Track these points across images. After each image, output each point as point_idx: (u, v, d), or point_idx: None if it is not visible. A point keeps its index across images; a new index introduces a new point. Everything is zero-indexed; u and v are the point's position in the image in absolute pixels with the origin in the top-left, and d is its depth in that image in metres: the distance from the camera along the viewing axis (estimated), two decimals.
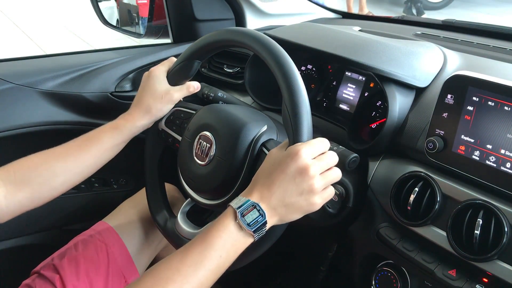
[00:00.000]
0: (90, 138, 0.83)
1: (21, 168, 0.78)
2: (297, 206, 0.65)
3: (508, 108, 0.70)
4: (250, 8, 1.36)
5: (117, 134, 0.84)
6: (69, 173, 0.81)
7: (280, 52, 0.70)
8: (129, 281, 0.94)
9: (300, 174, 0.64)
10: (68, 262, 0.90)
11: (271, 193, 0.64)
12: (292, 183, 0.64)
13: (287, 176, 0.64)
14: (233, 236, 0.63)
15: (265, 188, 0.65)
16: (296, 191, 0.64)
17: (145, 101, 0.86)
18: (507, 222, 0.69)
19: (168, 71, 0.89)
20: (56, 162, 0.80)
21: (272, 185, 0.65)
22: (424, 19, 1.49)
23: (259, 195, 0.65)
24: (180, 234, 0.86)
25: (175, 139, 0.90)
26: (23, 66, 1.16)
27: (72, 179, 0.82)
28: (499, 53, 1.02)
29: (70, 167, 0.81)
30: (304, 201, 0.65)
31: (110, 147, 0.84)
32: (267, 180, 0.66)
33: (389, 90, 0.86)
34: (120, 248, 0.97)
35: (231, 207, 0.64)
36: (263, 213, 0.63)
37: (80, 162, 0.82)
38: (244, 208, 0.63)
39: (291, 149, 0.66)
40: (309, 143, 0.66)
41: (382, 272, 0.87)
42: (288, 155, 0.65)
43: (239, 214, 0.63)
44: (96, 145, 0.83)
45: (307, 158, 0.65)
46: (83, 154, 0.82)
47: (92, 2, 1.46)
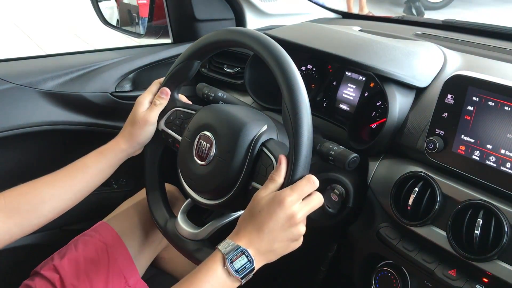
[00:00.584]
0: (76, 164, 0.85)
1: (10, 196, 0.79)
2: (284, 248, 0.68)
3: (508, 108, 0.70)
4: (250, 8, 1.36)
5: (102, 158, 0.87)
6: (57, 199, 0.82)
7: (280, 52, 0.70)
8: (129, 281, 0.94)
9: (288, 221, 0.66)
10: (68, 262, 0.90)
11: (260, 239, 0.66)
12: (280, 230, 0.66)
13: (276, 224, 0.66)
14: (220, 281, 0.64)
15: (254, 234, 0.66)
16: (284, 237, 0.67)
17: (126, 128, 0.89)
18: (507, 222, 0.69)
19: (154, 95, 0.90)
20: (44, 188, 0.81)
21: (261, 232, 0.66)
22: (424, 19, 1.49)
23: (248, 241, 0.66)
24: (180, 234, 0.86)
25: (175, 139, 0.90)
26: (23, 66, 1.16)
27: (60, 206, 0.83)
28: (499, 53, 1.02)
29: (57, 194, 0.82)
30: (291, 242, 0.68)
31: (95, 172, 0.86)
32: (255, 226, 0.66)
33: (389, 90, 0.86)
34: (120, 248, 0.97)
35: (219, 252, 0.65)
36: (251, 259, 0.65)
37: (67, 189, 0.83)
38: (233, 255, 0.64)
39: (279, 195, 0.66)
40: (297, 188, 0.67)
41: (382, 272, 0.87)
42: (275, 202, 0.66)
43: (228, 260, 0.64)
44: (82, 170, 0.85)
45: (294, 206, 0.66)
46: (70, 180, 0.84)
47: (92, 2, 1.46)
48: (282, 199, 0.65)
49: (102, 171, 0.87)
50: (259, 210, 0.67)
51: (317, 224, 0.84)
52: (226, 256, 0.64)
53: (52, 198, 0.81)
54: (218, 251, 0.65)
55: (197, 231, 0.85)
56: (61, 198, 0.82)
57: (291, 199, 0.66)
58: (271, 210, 0.66)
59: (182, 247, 0.85)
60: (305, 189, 0.67)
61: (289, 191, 0.66)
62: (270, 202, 0.66)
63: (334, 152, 0.75)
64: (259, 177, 0.74)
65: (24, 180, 1.14)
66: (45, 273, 0.89)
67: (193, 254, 0.82)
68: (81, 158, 0.86)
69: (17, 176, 1.14)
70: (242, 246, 0.65)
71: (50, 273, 0.88)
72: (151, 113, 0.89)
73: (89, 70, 1.15)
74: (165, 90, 0.90)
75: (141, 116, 0.88)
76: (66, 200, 0.83)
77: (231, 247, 0.65)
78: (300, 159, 0.67)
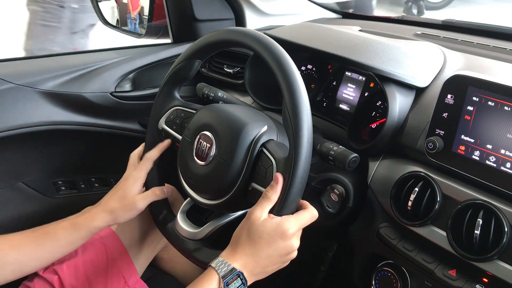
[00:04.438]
0: (47, 232, 0.82)
1: None
2: (276, 269, 0.70)
3: (508, 108, 0.70)
4: (250, 8, 1.36)
5: (74, 232, 0.83)
6: (21, 264, 0.80)
7: (280, 52, 0.70)
8: (128, 282, 0.94)
9: (286, 250, 0.68)
10: (67, 263, 0.90)
11: (256, 263, 0.67)
12: (277, 256, 0.68)
13: (275, 252, 0.67)
14: None
15: (251, 258, 0.67)
16: (279, 261, 0.69)
17: (111, 204, 0.85)
18: (507, 222, 0.69)
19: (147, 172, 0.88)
20: (9, 251, 0.79)
21: (258, 257, 0.67)
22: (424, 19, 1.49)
23: (243, 263, 0.67)
24: (180, 233, 0.86)
25: (175, 139, 0.90)
26: (23, 66, 1.16)
27: (23, 270, 0.82)
28: (499, 53, 1.02)
29: (22, 259, 0.80)
30: (284, 264, 0.71)
31: (64, 244, 0.83)
32: (253, 250, 0.67)
33: (389, 90, 0.86)
34: (119, 248, 0.96)
35: (215, 273, 0.66)
36: (245, 281, 0.66)
37: (33, 256, 0.81)
38: (229, 278, 0.65)
39: (282, 226, 0.67)
40: (300, 220, 0.69)
41: (382, 272, 0.87)
42: (277, 233, 0.67)
43: (224, 284, 0.65)
44: (51, 241, 0.82)
45: (294, 237, 0.68)
46: (38, 249, 0.81)
47: (92, 2, 1.46)
48: (285, 231, 0.67)
49: (71, 245, 0.84)
50: (258, 236, 0.67)
51: (317, 224, 0.84)
52: (223, 280, 0.65)
53: (15, 262, 0.79)
54: (213, 272, 0.66)
55: (196, 231, 0.85)
56: (25, 264, 0.81)
57: (293, 231, 0.68)
58: (271, 239, 0.67)
59: (181, 247, 0.85)
60: (307, 222, 0.70)
61: (293, 222, 0.68)
62: (272, 232, 0.67)
63: (334, 152, 0.75)
64: (259, 178, 0.74)
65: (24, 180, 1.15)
66: (44, 274, 0.89)
67: (193, 254, 0.82)
68: (55, 225, 0.83)
69: (17, 176, 1.14)
70: (237, 269, 0.66)
71: (49, 275, 0.88)
72: (144, 201, 0.86)
73: (89, 70, 1.15)
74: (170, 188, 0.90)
75: (133, 199, 0.85)
76: (29, 266, 0.82)
77: (226, 268, 0.66)
78: (298, 168, 0.67)
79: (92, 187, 1.24)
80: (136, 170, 0.88)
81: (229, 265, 0.66)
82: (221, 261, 0.67)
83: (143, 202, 0.86)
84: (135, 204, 0.85)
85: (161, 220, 0.91)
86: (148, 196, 0.87)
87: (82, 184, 1.23)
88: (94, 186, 1.25)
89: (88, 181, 1.24)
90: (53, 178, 1.20)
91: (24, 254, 0.80)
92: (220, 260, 0.68)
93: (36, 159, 1.17)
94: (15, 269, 0.80)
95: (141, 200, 0.86)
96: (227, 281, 0.65)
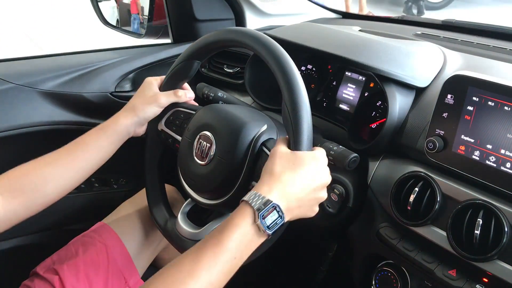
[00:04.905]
0: (77, 142, 0.84)
1: (14, 177, 0.78)
2: (307, 209, 0.67)
3: (508, 108, 0.70)
4: (250, 8, 1.36)
5: (102, 134, 0.85)
6: (60, 178, 0.81)
7: (280, 52, 0.70)
8: (129, 282, 0.94)
9: (319, 182, 0.67)
10: (67, 263, 0.90)
11: (291, 195, 0.63)
12: (311, 190, 0.66)
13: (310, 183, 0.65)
14: (249, 237, 0.60)
15: (286, 187, 0.63)
16: (312, 197, 0.66)
17: (132, 102, 0.88)
18: (507, 222, 0.69)
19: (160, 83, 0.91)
20: (46, 168, 0.80)
21: (294, 186, 0.64)
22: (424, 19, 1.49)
23: (279, 194, 0.62)
24: (180, 234, 0.86)
25: (175, 139, 0.90)
26: (23, 66, 1.16)
27: (63, 185, 0.82)
28: (499, 53, 1.02)
29: (59, 173, 0.81)
30: (313, 206, 0.68)
31: (96, 149, 0.84)
32: (287, 177, 0.64)
33: (389, 90, 0.86)
34: (120, 248, 0.96)
35: (249, 207, 0.61)
36: (282, 214, 0.62)
37: (68, 167, 0.82)
38: (265, 210, 0.60)
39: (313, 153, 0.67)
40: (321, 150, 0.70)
41: (382, 272, 0.87)
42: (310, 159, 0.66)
43: (260, 216, 0.60)
44: (82, 148, 0.83)
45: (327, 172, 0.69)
46: (71, 159, 0.82)
47: (92, 2, 1.45)
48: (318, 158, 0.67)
49: (102, 148, 0.85)
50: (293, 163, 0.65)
51: (317, 224, 0.84)
52: (259, 213, 0.60)
53: (54, 177, 0.80)
54: (247, 206, 0.61)
55: (197, 231, 0.85)
56: (63, 177, 0.81)
57: (324, 161, 0.68)
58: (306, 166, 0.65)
59: (182, 247, 0.85)
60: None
61: (322, 152, 0.69)
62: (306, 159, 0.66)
63: (334, 152, 0.75)
64: (259, 177, 0.74)
65: None
66: (44, 274, 0.89)
67: None
68: (82, 136, 0.85)
69: None
70: (273, 201, 0.61)
71: (49, 275, 0.88)
72: (165, 97, 0.88)
73: (89, 70, 1.15)
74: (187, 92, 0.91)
75: (153, 93, 0.87)
76: (68, 179, 0.82)
77: (261, 201, 0.61)
78: None
79: (92, 187, 1.24)
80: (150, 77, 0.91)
81: (263, 197, 0.61)
82: (254, 194, 0.62)
83: (165, 99, 0.88)
84: (157, 98, 0.87)
85: (161, 221, 0.91)
86: (170, 95, 0.89)
87: (82, 184, 1.23)
88: (94, 186, 1.25)
89: (88, 181, 1.24)
90: None
91: (59, 167, 0.81)
92: (254, 193, 0.62)
93: None
94: (56, 185, 0.80)
95: (163, 96, 0.88)
96: (263, 214, 0.60)
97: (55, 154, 0.82)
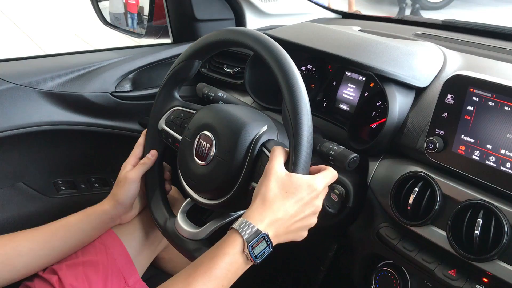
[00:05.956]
0: (60, 221, 0.86)
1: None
2: (295, 235, 0.68)
3: (508, 108, 0.70)
4: (250, 8, 1.36)
5: (85, 218, 0.87)
6: (33, 255, 0.81)
7: (280, 52, 0.70)
8: (128, 282, 0.94)
9: (311, 210, 0.67)
10: (66, 263, 0.90)
11: (281, 222, 0.64)
12: (302, 216, 0.66)
13: (301, 209, 0.65)
14: (237, 265, 0.63)
15: (276, 214, 0.64)
16: (303, 223, 0.67)
17: (112, 190, 0.91)
18: (507, 222, 0.69)
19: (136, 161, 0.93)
20: (22, 242, 0.80)
21: (284, 213, 0.64)
22: (424, 19, 1.49)
23: (268, 223, 0.64)
24: (180, 234, 0.86)
25: (175, 139, 0.90)
26: (23, 66, 1.16)
27: (35, 262, 0.82)
28: (499, 53, 1.02)
29: (35, 248, 0.81)
30: (302, 231, 0.69)
31: (77, 231, 0.86)
32: (279, 205, 0.64)
33: (389, 90, 0.86)
34: (119, 249, 0.96)
35: (239, 236, 0.62)
36: (270, 244, 0.63)
37: (46, 245, 0.82)
38: (255, 241, 0.62)
39: (310, 181, 0.66)
40: (325, 176, 0.69)
41: (382, 272, 0.87)
42: (305, 186, 0.66)
43: (249, 247, 0.61)
44: (63, 228, 0.85)
45: (320, 198, 0.67)
46: (50, 237, 0.83)
47: (92, 2, 1.45)
48: (313, 186, 0.66)
49: (83, 232, 0.87)
50: (285, 190, 0.65)
51: (317, 224, 0.84)
52: (248, 244, 0.61)
53: (29, 253, 0.80)
54: (236, 235, 0.62)
55: (197, 231, 0.85)
56: (37, 254, 0.82)
57: (320, 188, 0.67)
58: (299, 194, 0.65)
59: (182, 247, 0.85)
60: (330, 180, 0.70)
61: (320, 178, 0.67)
62: (300, 186, 0.65)
63: (334, 152, 0.75)
64: (259, 178, 0.74)
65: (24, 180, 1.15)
66: (44, 274, 0.88)
67: (193, 254, 0.82)
68: (67, 216, 0.87)
69: (17, 176, 1.14)
70: (263, 232, 0.62)
71: (49, 275, 0.88)
72: (133, 171, 0.90)
73: (89, 70, 1.15)
74: (154, 151, 0.93)
75: (122, 175, 0.90)
76: (42, 256, 0.83)
77: (251, 230, 0.62)
78: (300, 159, 0.67)
79: (92, 187, 1.24)
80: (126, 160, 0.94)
81: (253, 227, 0.62)
82: (244, 222, 0.63)
83: (133, 172, 0.90)
84: (126, 177, 0.89)
85: (161, 221, 0.91)
86: (138, 167, 0.91)
87: (82, 184, 1.23)
88: (94, 186, 1.25)
89: (88, 181, 1.24)
90: (53, 178, 1.20)
91: (36, 243, 0.81)
92: (243, 221, 0.63)
93: (36, 159, 1.17)
94: (28, 262, 0.80)
95: (131, 171, 0.90)
96: (252, 245, 0.61)
97: (34, 230, 0.83)
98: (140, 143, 0.95)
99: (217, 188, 0.78)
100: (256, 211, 0.65)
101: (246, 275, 0.65)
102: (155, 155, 0.93)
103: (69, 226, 0.85)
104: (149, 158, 0.93)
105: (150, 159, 0.93)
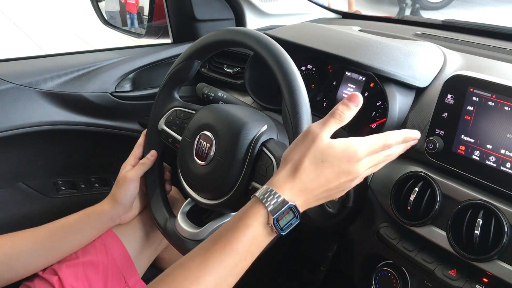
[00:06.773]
0: (60, 221, 0.86)
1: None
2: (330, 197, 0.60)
3: (508, 108, 0.70)
4: (250, 8, 1.36)
5: (84, 218, 0.88)
6: (33, 255, 0.81)
7: (280, 52, 0.70)
8: (128, 282, 0.94)
9: (348, 177, 0.58)
10: (66, 263, 0.90)
11: (311, 192, 0.57)
12: (336, 184, 0.58)
13: (336, 178, 0.57)
14: (261, 238, 0.56)
15: (307, 184, 0.56)
16: (336, 189, 0.59)
17: (112, 190, 0.92)
18: (507, 222, 0.69)
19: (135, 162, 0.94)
20: (21, 241, 0.80)
21: (316, 183, 0.57)
22: (424, 19, 1.49)
23: (297, 192, 0.56)
24: (180, 234, 0.86)
25: (175, 139, 0.90)
26: (23, 66, 1.16)
27: (36, 262, 0.82)
28: (499, 53, 1.02)
29: (35, 248, 0.81)
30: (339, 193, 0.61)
31: (77, 231, 0.86)
32: (312, 175, 0.56)
33: (389, 90, 0.86)
34: (119, 249, 0.96)
35: (262, 207, 0.55)
36: (298, 214, 0.56)
37: (45, 244, 0.82)
38: (280, 213, 0.54)
39: (351, 147, 0.58)
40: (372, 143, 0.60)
41: (382, 272, 0.87)
42: (345, 154, 0.57)
43: (274, 219, 0.54)
44: (62, 228, 0.85)
45: (363, 164, 0.58)
46: (49, 237, 0.83)
47: (92, 2, 1.45)
48: (354, 153, 0.57)
49: (83, 232, 0.87)
50: (322, 160, 0.56)
51: (317, 224, 0.84)
52: (273, 216, 0.54)
53: (28, 253, 0.80)
54: (259, 205, 0.55)
55: (197, 231, 0.85)
56: (37, 254, 0.81)
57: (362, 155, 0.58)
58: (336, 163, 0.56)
59: (182, 247, 0.85)
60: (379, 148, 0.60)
61: (364, 145, 0.58)
62: (339, 155, 0.57)
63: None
64: (259, 177, 0.74)
65: (24, 180, 1.15)
66: (44, 274, 0.88)
67: None
68: (67, 216, 0.87)
69: (17, 176, 1.14)
70: (290, 202, 0.55)
71: (49, 275, 0.88)
72: (132, 171, 0.91)
73: (89, 70, 1.15)
74: (153, 151, 0.93)
75: (122, 175, 0.91)
76: (42, 256, 0.82)
77: (276, 200, 0.54)
78: None
79: (92, 187, 1.24)
80: (126, 160, 0.94)
81: (279, 196, 0.55)
82: (269, 191, 0.56)
83: (133, 172, 0.90)
84: (125, 177, 0.90)
85: (161, 221, 0.91)
86: (137, 167, 0.91)
87: (82, 184, 1.23)
88: (94, 186, 1.25)
89: (88, 181, 1.24)
90: (53, 178, 1.20)
91: (36, 243, 0.81)
92: (268, 189, 0.56)
93: (36, 159, 1.17)
94: (27, 261, 0.80)
95: (130, 171, 0.91)
96: (277, 217, 0.54)
97: (34, 231, 0.83)
98: (140, 143, 0.95)
99: (217, 188, 0.78)
100: (284, 178, 0.57)
101: (246, 275, 0.65)
102: (155, 155, 0.93)
103: (69, 226, 0.85)
104: (148, 159, 0.93)
105: (149, 159, 0.93)
